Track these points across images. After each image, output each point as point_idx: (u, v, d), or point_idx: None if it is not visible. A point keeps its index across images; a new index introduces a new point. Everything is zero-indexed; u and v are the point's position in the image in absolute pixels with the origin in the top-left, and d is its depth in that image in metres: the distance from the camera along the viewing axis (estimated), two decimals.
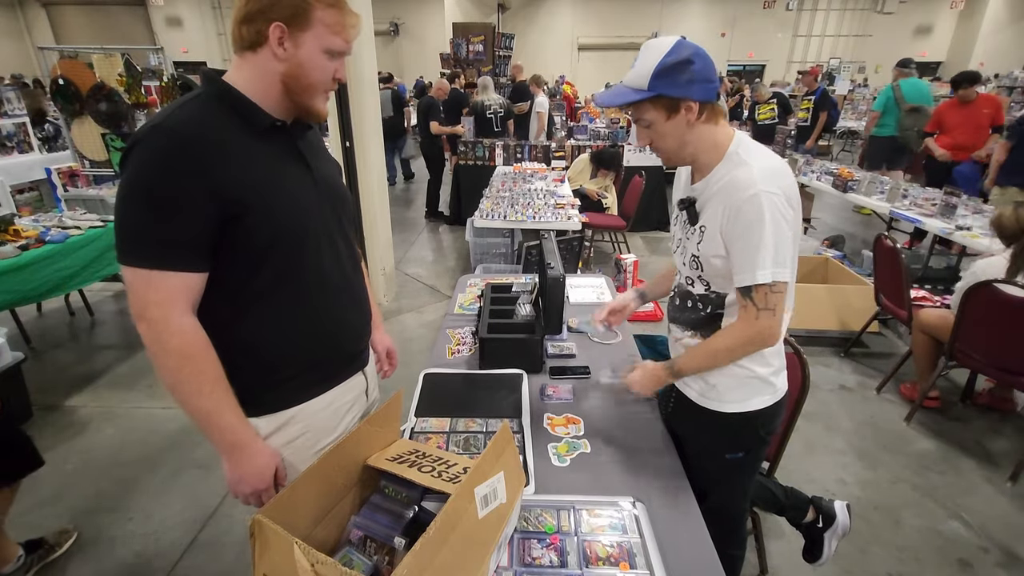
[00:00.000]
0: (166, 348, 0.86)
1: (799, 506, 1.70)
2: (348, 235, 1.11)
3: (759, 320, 1.09)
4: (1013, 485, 2.25)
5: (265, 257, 0.92)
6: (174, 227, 0.84)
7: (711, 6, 17.98)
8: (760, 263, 1.05)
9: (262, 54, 0.91)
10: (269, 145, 0.95)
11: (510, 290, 1.95)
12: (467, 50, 6.74)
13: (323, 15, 0.90)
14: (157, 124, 0.86)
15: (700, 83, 1.05)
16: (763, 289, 1.07)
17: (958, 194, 3.81)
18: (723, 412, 1.25)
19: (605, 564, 0.95)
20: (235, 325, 0.95)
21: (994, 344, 2.33)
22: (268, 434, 1.01)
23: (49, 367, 3.16)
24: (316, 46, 0.92)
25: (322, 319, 1.03)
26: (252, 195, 0.89)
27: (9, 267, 2.68)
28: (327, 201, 1.03)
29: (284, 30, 0.88)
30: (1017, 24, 16.17)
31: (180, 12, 17.43)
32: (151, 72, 4.53)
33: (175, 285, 0.85)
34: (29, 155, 5.75)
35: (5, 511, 1.75)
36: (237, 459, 0.95)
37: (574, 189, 4.61)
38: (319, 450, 1.06)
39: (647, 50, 1.06)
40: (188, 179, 0.83)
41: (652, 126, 1.11)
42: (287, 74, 0.92)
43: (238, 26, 0.90)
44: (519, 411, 1.43)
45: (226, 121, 0.90)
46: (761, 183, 1.03)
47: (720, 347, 1.18)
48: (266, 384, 1.00)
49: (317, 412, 1.06)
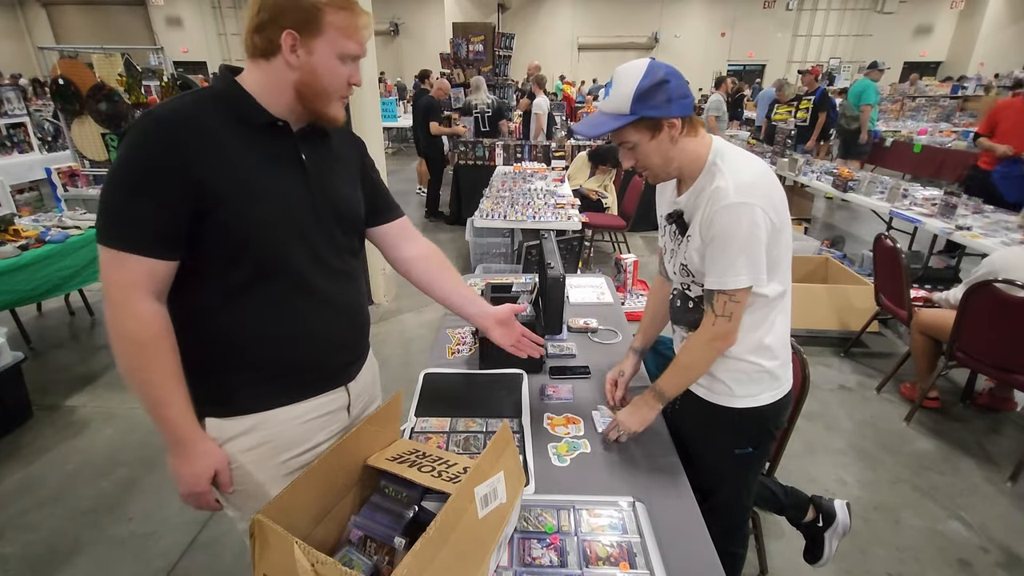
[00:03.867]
0: (120, 331, 0.86)
1: (799, 505, 1.70)
2: (343, 249, 1.06)
3: (715, 326, 1.15)
4: (1013, 485, 2.25)
5: (239, 255, 0.90)
6: (145, 211, 0.83)
7: (711, 6, 17.99)
8: (729, 271, 1.09)
9: (275, 62, 0.90)
10: (265, 145, 0.93)
11: (510, 290, 1.95)
12: (467, 50, 6.73)
13: (334, 19, 0.89)
14: (149, 112, 0.87)
15: (677, 100, 1.07)
16: (723, 297, 1.12)
17: (958, 194, 3.81)
18: (733, 407, 1.26)
19: (605, 564, 0.95)
20: (210, 318, 0.94)
21: (994, 344, 2.32)
22: (231, 437, 0.98)
23: (49, 367, 3.16)
24: (329, 51, 0.90)
25: (295, 327, 0.99)
26: (230, 191, 0.87)
27: (9, 267, 2.68)
28: (322, 211, 0.99)
29: (296, 37, 0.87)
30: (1017, 24, 16.18)
31: (180, 12, 17.45)
32: (151, 72, 4.54)
33: (139, 269, 0.84)
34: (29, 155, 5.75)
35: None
36: (177, 457, 0.93)
37: (574, 189, 4.61)
38: (282, 462, 1.02)
39: (621, 76, 1.08)
40: (166, 166, 0.83)
41: (636, 147, 1.13)
42: (300, 81, 0.91)
43: (250, 35, 0.89)
44: (519, 411, 1.43)
45: (222, 116, 0.89)
46: (734, 194, 1.06)
47: (686, 361, 1.24)
48: (233, 385, 0.97)
49: (284, 423, 1.01)
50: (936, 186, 4.42)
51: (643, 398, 1.30)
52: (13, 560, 1.88)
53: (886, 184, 4.32)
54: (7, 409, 2.55)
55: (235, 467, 0.99)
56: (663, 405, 1.28)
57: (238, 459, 0.99)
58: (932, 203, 3.75)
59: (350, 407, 1.14)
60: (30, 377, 2.69)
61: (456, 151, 5.83)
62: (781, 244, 1.12)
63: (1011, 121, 4.23)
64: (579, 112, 8.57)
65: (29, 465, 2.35)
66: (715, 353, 1.20)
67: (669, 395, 1.27)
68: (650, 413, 1.29)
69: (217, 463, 0.96)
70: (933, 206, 3.73)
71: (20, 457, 2.40)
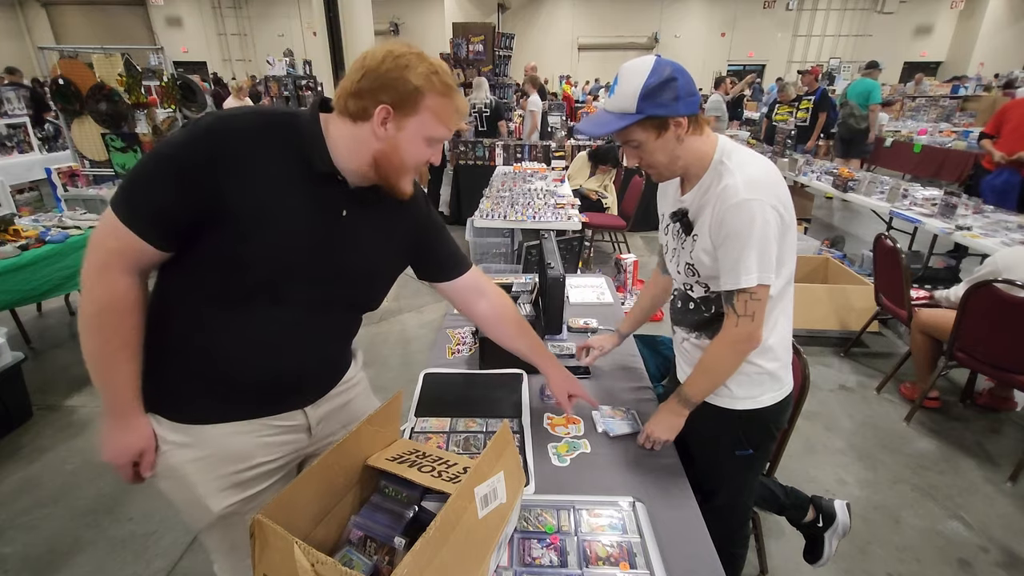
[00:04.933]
0: (90, 295, 0.87)
1: (799, 505, 1.70)
2: (343, 306, 1.05)
3: (739, 328, 1.12)
4: (1013, 485, 2.25)
5: (232, 275, 0.89)
6: (158, 198, 0.83)
7: (711, 6, 17.99)
8: (743, 269, 1.07)
9: (362, 127, 0.89)
10: (312, 189, 0.91)
11: (510, 290, 1.95)
12: (467, 50, 6.72)
13: (432, 103, 0.89)
14: (217, 114, 0.86)
15: (685, 98, 1.06)
16: (743, 296, 1.09)
17: (958, 194, 3.81)
18: (734, 409, 1.25)
19: (605, 564, 0.95)
20: (175, 315, 0.94)
21: (994, 344, 2.32)
22: (179, 444, 0.97)
23: (49, 367, 3.16)
24: (418, 132, 0.90)
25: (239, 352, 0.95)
26: (247, 213, 0.86)
27: (9, 267, 2.69)
28: (337, 266, 0.97)
29: (390, 112, 0.87)
30: (1017, 24, 16.19)
31: (180, 12, 17.45)
32: (151, 72, 4.55)
33: (130, 244, 0.85)
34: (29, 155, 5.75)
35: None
36: (110, 425, 0.94)
37: (574, 189, 4.61)
38: (223, 475, 0.99)
39: (627, 73, 1.07)
40: (197, 167, 0.83)
41: (641, 146, 1.11)
42: (382, 153, 0.90)
43: (346, 97, 0.88)
44: (519, 411, 1.43)
45: (285, 145, 0.88)
46: (744, 191, 1.05)
47: (710, 365, 1.21)
48: (183, 391, 0.97)
49: (221, 437, 0.98)
50: (936, 186, 4.42)
51: (668, 405, 1.28)
52: (13, 560, 1.88)
53: (886, 184, 4.32)
54: (7, 409, 2.54)
55: (179, 475, 0.98)
56: (689, 411, 1.26)
57: (183, 468, 0.97)
58: (932, 203, 3.75)
59: (311, 428, 1.09)
60: (30, 377, 2.69)
61: (456, 151, 5.83)
62: (787, 242, 1.12)
63: (1016, 122, 4.20)
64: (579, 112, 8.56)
65: (29, 465, 2.35)
66: (740, 356, 1.17)
67: (695, 400, 1.24)
68: (677, 420, 1.27)
69: (144, 444, 0.96)
70: (933, 206, 3.74)
71: (20, 457, 2.40)
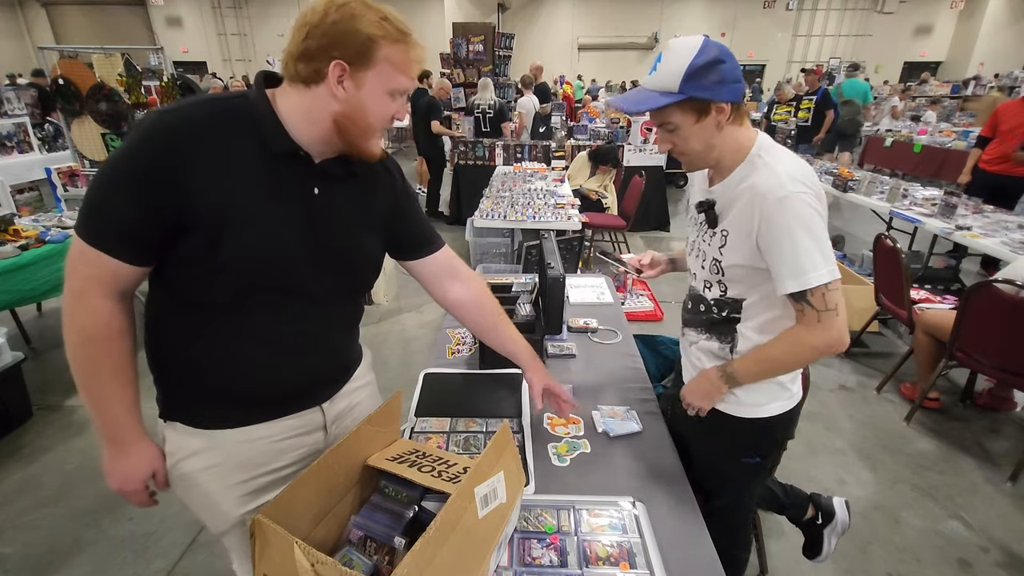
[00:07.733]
0: (73, 323, 0.84)
1: (799, 504, 1.70)
2: (334, 291, 0.99)
3: (821, 323, 1.03)
4: (1013, 485, 2.25)
5: (214, 278, 0.86)
6: (122, 212, 0.80)
7: (711, 6, 17.99)
8: (810, 265, 1.00)
9: (317, 91, 0.83)
10: (277, 172, 0.86)
11: (510, 290, 1.95)
12: (467, 50, 6.71)
13: (389, 52, 0.83)
14: (160, 111, 0.82)
15: (730, 84, 1.00)
16: (819, 290, 1.01)
17: (958, 194, 3.80)
18: (742, 417, 1.22)
19: (605, 564, 0.95)
20: (180, 332, 0.91)
21: (994, 344, 2.32)
22: (196, 451, 0.95)
23: (49, 367, 3.16)
24: (379, 86, 0.84)
25: (262, 357, 0.93)
26: (218, 211, 0.81)
27: (9, 267, 2.68)
28: (317, 251, 0.93)
29: (345, 69, 0.81)
30: (1017, 24, 16.20)
31: (180, 12, 17.45)
32: (151, 72, 4.54)
33: (104, 266, 0.82)
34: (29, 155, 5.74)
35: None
36: (112, 454, 0.92)
37: (574, 189, 4.61)
38: (238, 482, 0.97)
39: (673, 51, 1.01)
40: (154, 171, 0.78)
41: (678, 130, 1.06)
42: (343, 114, 0.84)
43: (293, 62, 0.82)
44: (519, 411, 1.43)
45: (239, 131, 0.83)
46: (789, 184, 1.00)
47: (779, 355, 1.11)
48: (191, 400, 0.95)
49: (237, 444, 0.96)
50: (936, 186, 4.42)
51: (709, 373, 1.21)
52: (13, 560, 1.88)
53: (886, 184, 4.32)
54: (7, 409, 2.54)
55: (194, 484, 0.96)
56: (729, 388, 1.19)
57: (197, 476, 0.96)
58: (932, 203, 3.76)
59: (327, 424, 1.07)
60: (30, 377, 2.69)
61: (456, 151, 5.83)
62: None
63: (1011, 123, 4.20)
64: (579, 112, 8.55)
65: (29, 465, 2.35)
66: (817, 356, 1.08)
67: (741, 381, 1.17)
68: (713, 391, 1.20)
69: (152, 466, 0.95)
70: (933, 206, 3.74)
71: (20, 457, 2.40)
